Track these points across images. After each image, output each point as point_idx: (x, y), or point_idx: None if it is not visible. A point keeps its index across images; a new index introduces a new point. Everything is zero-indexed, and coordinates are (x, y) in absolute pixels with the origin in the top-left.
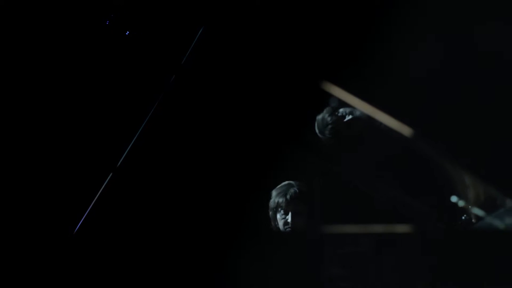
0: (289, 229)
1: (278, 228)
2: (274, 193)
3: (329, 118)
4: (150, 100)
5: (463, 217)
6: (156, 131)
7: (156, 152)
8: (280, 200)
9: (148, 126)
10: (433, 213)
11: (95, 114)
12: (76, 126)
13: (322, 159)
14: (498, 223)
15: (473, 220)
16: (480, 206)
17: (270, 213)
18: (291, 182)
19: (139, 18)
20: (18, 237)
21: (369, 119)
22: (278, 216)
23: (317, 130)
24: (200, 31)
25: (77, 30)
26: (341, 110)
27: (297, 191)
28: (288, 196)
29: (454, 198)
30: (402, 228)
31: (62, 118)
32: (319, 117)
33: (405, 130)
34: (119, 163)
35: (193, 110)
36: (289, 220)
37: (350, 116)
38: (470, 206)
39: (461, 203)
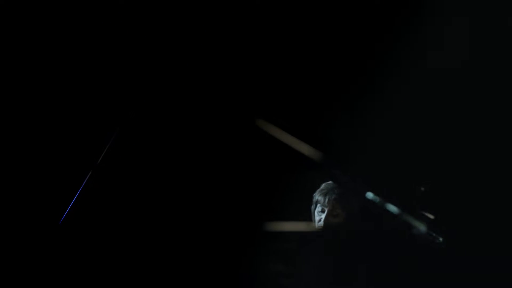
0: (321, 227)
1: (314, 222)
2: (321, 186)
3: None
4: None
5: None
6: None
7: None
8: (320, 197)
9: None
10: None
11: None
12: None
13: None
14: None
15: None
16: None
17: (312, 206)
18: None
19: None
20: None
21: None
22: (316, 212)
23: None
24: None
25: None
26: None
27: (339, 193)
28: (327, 197)
29: (370, 195)
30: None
31: (52, 116)
32: None
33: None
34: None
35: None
36: (323, 218)
37: None
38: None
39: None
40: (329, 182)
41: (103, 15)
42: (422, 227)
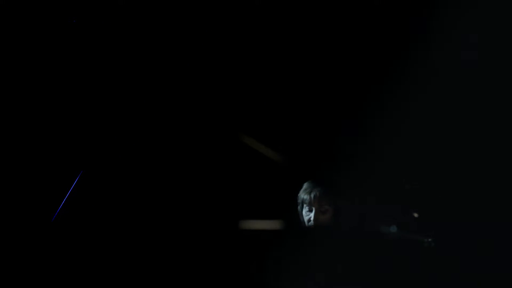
0: (312, 226)
1: (304, 222)
2: (303, 187)
3: None
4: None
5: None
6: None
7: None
8: (305, 197)
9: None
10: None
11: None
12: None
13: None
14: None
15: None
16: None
17: (298, 207)
18: (322, 179)
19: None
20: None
21: None
22: (303, 211)
23: None
24: None
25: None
26: None
27: (323, 190)
28: (312, 194)
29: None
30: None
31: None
32: None
33: None
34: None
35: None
36: (312, 217)
37: None
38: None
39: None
40: (310, 180)
41: (103, 15)
42: (394, 228)
